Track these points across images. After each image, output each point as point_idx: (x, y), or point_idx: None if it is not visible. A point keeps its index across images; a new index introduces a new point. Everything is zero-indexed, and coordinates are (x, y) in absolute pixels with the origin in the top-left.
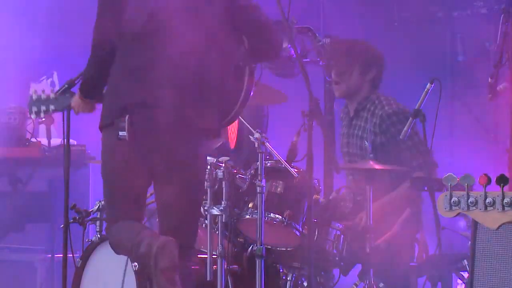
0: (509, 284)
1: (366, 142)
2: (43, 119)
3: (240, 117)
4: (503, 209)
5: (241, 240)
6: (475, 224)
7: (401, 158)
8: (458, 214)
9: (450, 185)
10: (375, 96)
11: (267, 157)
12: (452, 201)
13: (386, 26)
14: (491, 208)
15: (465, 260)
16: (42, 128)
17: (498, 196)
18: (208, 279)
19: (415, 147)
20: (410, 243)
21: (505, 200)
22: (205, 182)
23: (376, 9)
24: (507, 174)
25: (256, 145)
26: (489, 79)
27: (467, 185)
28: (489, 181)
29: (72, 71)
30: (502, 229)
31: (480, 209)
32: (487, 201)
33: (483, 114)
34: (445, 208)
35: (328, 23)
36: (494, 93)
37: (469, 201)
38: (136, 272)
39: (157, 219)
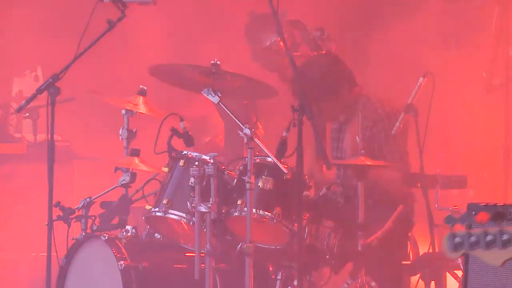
0: (503, 282)
1: (358, 138)
2: (27, 114)
3: (230, 113)
4: (503, 246)
5: (229, 238)
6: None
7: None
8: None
9: (451, 226)
10: (366, 99)
11: (256, 152)
12: (455, 242)
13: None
14: (493, 245)
15: (459, 259)
16: (27, 123)
17: (497, 233)
18: (196, 278)
19: (393, 145)
20: (402, 241)
21: (503, 237)
22: (193, 179)
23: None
24: (501, 173)
25: (245, 141)
26: (484, 74)
27: (467, 224)
28: (487, 218)
29: (57, 65)
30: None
31: (483, 248)
32: (487, 239)
33: (477, 109)
34: (450, 250)
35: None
36: (489, 88)
37: (471, 240)
38: (122, 271)
39: (143, 217)
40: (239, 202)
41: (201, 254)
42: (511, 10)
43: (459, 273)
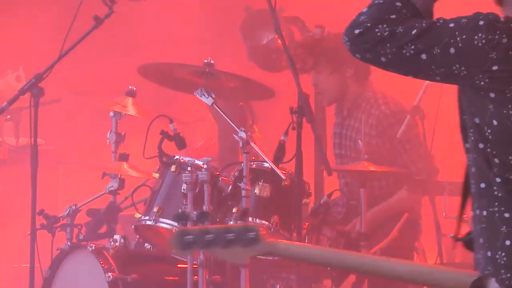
0: None
1: (360, 142)
2: (9, 116)
3: (224, 116)
4: (247, 244)
5: None
6: None
7: (399, 163)
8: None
9: (182, 223)
10: (371, 94)
11: (253, 157)
12: (186, 240)
13: None
14: (234, 244)
15: None
16: (9, 125)
17: (240, 230)
18: None
19: (413, 151)
20: (408, 251)
21: (248, 235)
22: (185, 185)
23: None
24: None
25: (241, 145)
26: None
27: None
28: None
29: (41, 64)
30: None
31: (221, 247)
32: (228, 237)
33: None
34: (179, 248)
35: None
36: None
37: (207, 238)
38: (109, 283)
39: (132, 226)
40: (234, 210)
41: (194, 266)
42: None
43: None
